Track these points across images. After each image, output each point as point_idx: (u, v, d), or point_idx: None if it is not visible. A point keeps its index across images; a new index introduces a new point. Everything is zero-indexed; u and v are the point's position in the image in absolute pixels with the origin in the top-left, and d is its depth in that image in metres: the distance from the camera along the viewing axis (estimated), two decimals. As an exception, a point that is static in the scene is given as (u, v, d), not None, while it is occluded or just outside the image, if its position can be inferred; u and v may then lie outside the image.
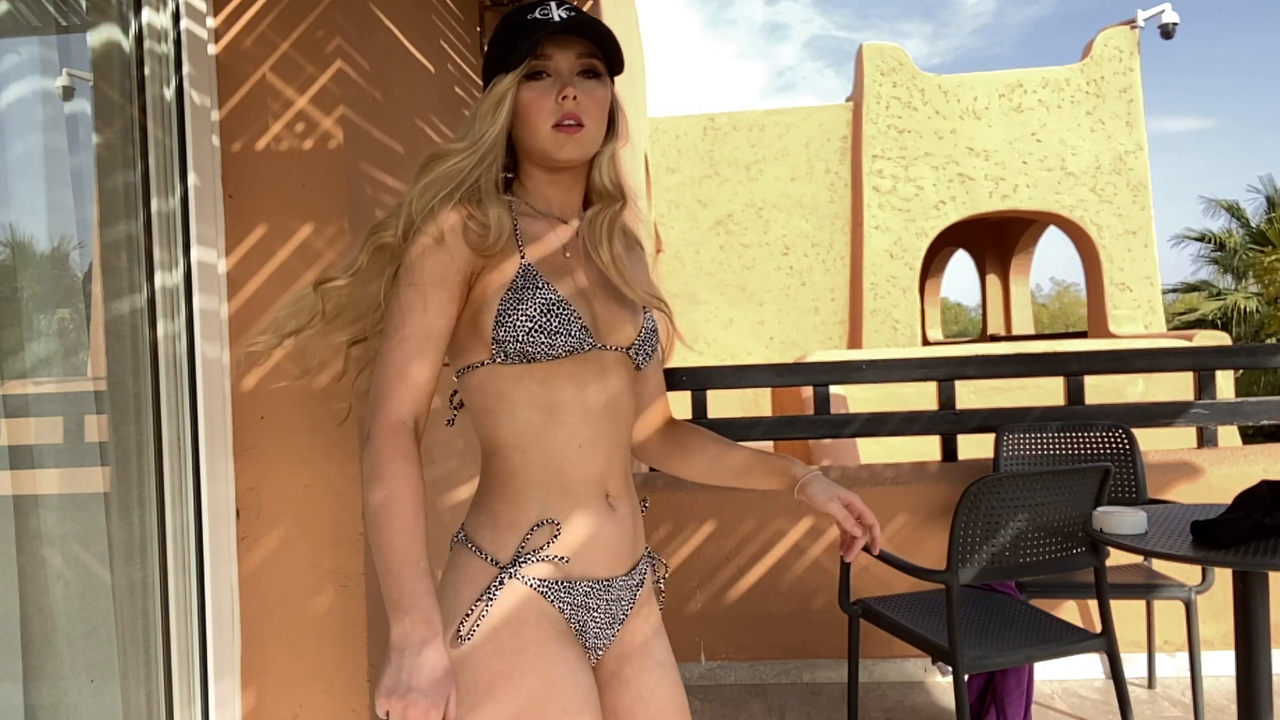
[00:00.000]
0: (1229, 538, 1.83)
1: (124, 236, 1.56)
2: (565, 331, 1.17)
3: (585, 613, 1.20)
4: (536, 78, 1.20)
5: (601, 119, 1.23)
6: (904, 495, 3.24)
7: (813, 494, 1.28)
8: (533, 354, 1.16)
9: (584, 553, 1.20)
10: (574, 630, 1.20)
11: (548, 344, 1.15)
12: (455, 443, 2.55)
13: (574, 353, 1.18)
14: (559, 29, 1.18)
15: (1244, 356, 4.13)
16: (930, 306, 14.83)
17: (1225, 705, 2.85)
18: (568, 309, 1.18)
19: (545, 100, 1.19)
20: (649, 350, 1.28)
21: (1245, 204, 19.40)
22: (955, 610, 2.15)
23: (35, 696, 1.36)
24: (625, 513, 1.24)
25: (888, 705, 3.01)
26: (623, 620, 1.25)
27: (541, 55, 1.20)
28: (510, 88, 1.20)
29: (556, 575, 1.18)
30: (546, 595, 1.17)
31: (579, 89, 1.20)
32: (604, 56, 1.23)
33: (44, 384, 1.45)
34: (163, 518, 1.62)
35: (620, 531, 1.23)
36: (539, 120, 1.20)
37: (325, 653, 1.80)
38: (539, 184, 1.27)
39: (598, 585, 1.20)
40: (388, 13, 2.13)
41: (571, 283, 1.22)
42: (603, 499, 1.21)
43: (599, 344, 1.21)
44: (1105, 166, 10.39)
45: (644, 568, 1.29)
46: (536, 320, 1.15)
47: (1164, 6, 10.32)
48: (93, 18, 1.55)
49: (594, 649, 1.23)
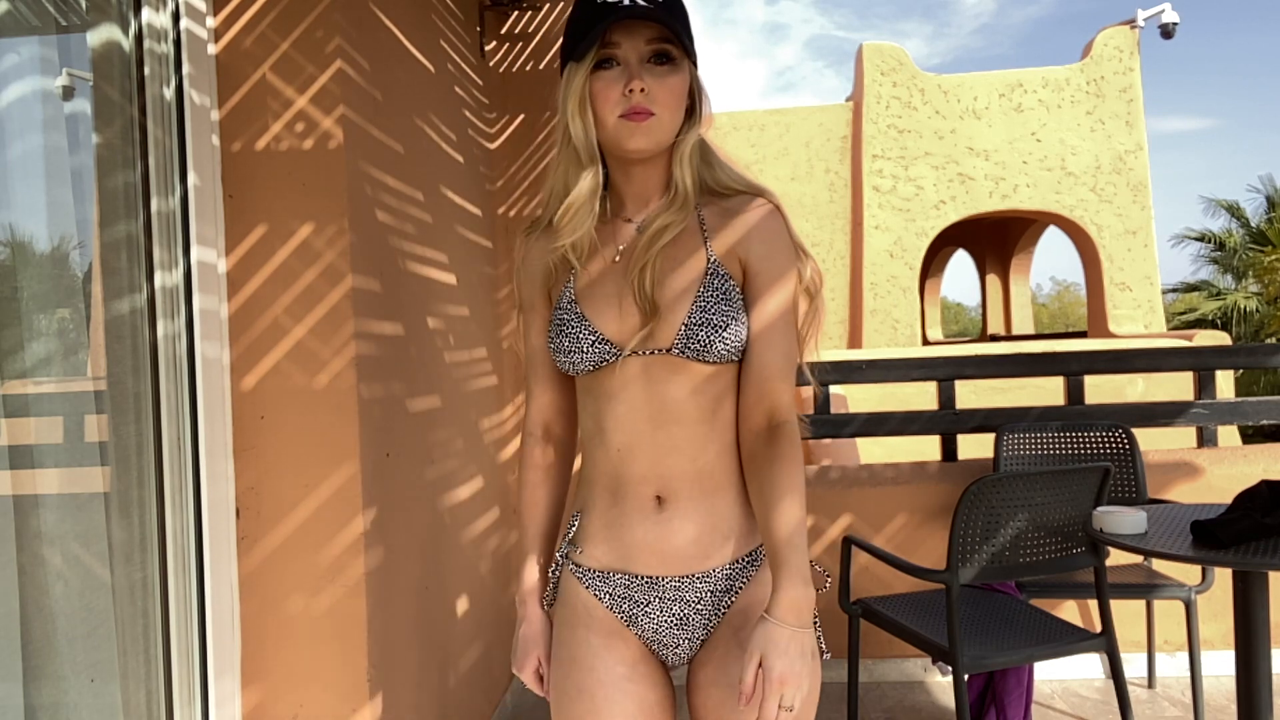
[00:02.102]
0: (1229, 538, 1.83)
1: (124, 236, 1.56)
2: (578, 349, 1.19)
3: (632, 605, 1.22)
4: (605, 66, 1.15)
5: (676, 106, 1.17)
6: (904, 495, 3.24)
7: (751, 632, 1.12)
8: (566, 371, 1.24)
9: (615, 549, 1.22)
10: (620, 619, 1.23)
11: (569, 363, 1.22)
12: (455, 443, 2.55)
13: (598, 366, 1.20)
14: (625, 15, 1.11)
15: (1244, 356, 4.13)
16: (930, 306, 14.83)
17: (1225, 705, 2.85)
18: (578, 325, 1.19)
19: (612, 90, 1.15)
20: (698, 345, 1.16)
21: (1245, 204, 19.45)
22: (955, 610, 2.15)
23: (35, 696, 1.36)
24: (683, 519, 1.19)
25: (888, 705, 3.01)
26: (705, 627, 1.22)
27: (609, 43, 1.14)
28: (585, 81, 1.15)
29: (593, 564, 1.25)
30: (583, 581, 1.26)
31: (649, 76, 1.14)
32: (678, 38, 1.15)
33: (44, 384, 1.45)
34: (163, 518, 1.62)
35: (666, 534, 1.19)
36: (605, 111, 1.15)
37: (325, 653, 1.80)
38: (614, 179, 1.24)
39: (638, 581, 1.21)
40: (388, 13, 2.13)
41: (609, 290, 1.20)
42: (649, 501, 1.20)
43: (626, 351, 1.17)
44: (1105, 166, 10.39)
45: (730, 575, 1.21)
46: (555, 342, 1.23)
47: (1164, 6, 10.32)
48: (93, 17, 1.55)
49: (656, 642, 1.24)
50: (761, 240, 1.19)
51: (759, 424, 1.18)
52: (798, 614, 1.07)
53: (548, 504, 1.37)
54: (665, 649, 1.24)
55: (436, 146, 2.51)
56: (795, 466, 1.14)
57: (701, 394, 1.18)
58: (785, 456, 1.14)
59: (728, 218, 1.20)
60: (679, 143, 1.20)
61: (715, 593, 1.21)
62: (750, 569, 1.22)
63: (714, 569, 1.20)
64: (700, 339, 1.15)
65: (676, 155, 1.20)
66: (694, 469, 1.19)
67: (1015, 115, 10.56)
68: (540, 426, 1.36)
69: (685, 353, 1.16)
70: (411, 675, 2.09)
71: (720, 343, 1.16)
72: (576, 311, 1.20)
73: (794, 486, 1.12)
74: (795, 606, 1.07)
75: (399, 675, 2.00)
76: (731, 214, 1.21)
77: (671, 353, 1.17)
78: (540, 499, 1.36)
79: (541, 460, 1.36)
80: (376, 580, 1.87)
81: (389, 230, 2.07)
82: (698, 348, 1.15)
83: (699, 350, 1.16)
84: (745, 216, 1.20)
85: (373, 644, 1.83)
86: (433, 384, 2.37)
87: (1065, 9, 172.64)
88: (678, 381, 1.18)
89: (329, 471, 1.80)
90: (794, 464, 1.14)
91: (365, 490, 1.82)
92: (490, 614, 2.90)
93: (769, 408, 1.18)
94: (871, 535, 3.23)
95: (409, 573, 2.11)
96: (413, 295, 2.22)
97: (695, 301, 1.16)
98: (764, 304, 1.19)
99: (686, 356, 1.16)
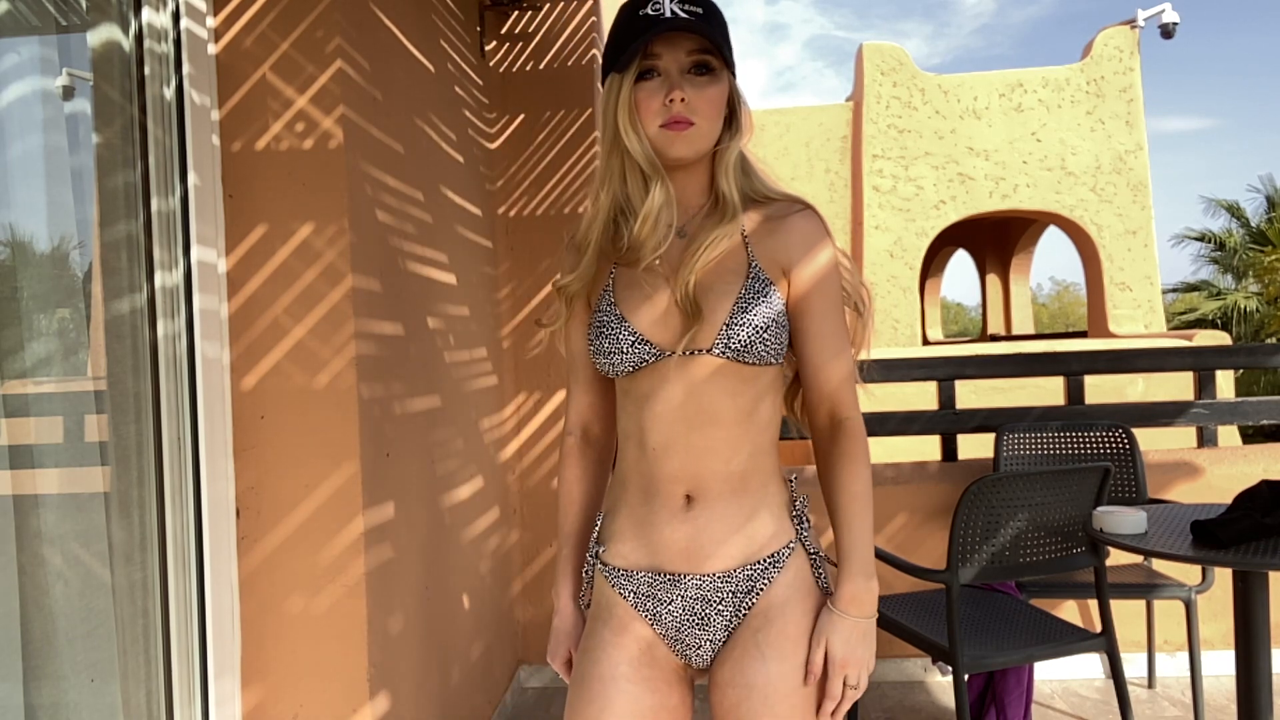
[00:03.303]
0: (1229, 537, 1.83)
1: (124, 236, 1.56)
2: (618, 350, 1.22)
3: (655, 603, 1.24)
4: (647, 77, 1.19)
5: (715, 115, 1.21)
6: (904, 495, 3.24)
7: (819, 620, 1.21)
8: (605, 373, 1.27)
9: (642, 546, 1.25)
10: (645, 618, 1.25)
11: (608, 364, 1.24)
12: (455, 442, 2.55)
13: (638, 367, 1.22)
14: (666, 28, 1.15)
15: (1244, 356, 4.13)
16: (930, 306, 14.83)
17: (1225, 705, 2.85)
18: (618, 327, 1.22)
19: (654, 100, 1.18)
20: (739, 345, 1.18)
21: (1245, 204, 19.47)
22: (955, 610, 2.15)
23: (35, 696, 1.36)
24: (710, 518, 1.21)
25: (888, 705, 3.01)
26: (726, 629, 1.23)
27: (650, 54, 1.18)
28: (631, 93, 1.19)
29: (618, 563, 1.27)
30: (609, 579, 1.28)
31: (689, 87, 1.18)
32: (718, 50, 1.19)
33: (44, 384, 1.45)
34: (163, 518, 1.62)
35: (692, 532, 1.21)
36: (646, 120, 1.19)
37: (325, 653, 1.80)
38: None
39: (661, 578, 1.23)
40: (388, 12, 2.13)
41: (649, 293, 1.23)
42: (679, 501, 1.22)
43: (665, 352, 1.20)
44: (1105, 166, 10.38)
45: (752, 576, 1.22)
46: (595, 343, 1.25)
47: (1164, 6, 10.31)
48: (93, 17, 1.55)
49: (678, 641, 1.25)
50: (804, 245, 1.24)
51: (823, 422, 1.26)
52: (859, 606, 1.19)
53: (584, 502, 1.40)
54: (688, 650, 1.25)
55: (436, 146, 2.51)
56: (860, 465, 1.22)
57: (739, 396, 1.21)
58: (848, 454, 1.22)
59: (769, 224, 1.25)
60: (721, 153, 1.24)
61: (736, 594, 1.22)
62: (772, 570, 1.23)
63: (735, 569, 1.22)
64: (740, 339, 1.18)
65: (721, 166, 1.24)
66: (726, 470, 1.21)
67: (1015, 115, 10.55)
68: (579, 427, 1.41)
69: (725, 353, 1.19)
70: (411, 675, 2.09)
71: (760, 343, 1.19)
72: (616, 314, 1.23)
73: (858, 485, 1.21)
74: (857, 599, 1.19)
75: (399, 675, 2.00)
76: (772, 221, 1.25)
77: (712, 353, 1.19)
78: (576, 496, 1.40)
79: (579, 459, 1.40)
80: (376, 580, 1.87)
81: (389, 230, 2.07)
82: (738, 347, 1.18)
83: (739, 351, 1.18)
84: (786, 223, 1.25)
85: (373, 644, 1.83)
86: (433, 384, 2.37)
87: (1065, 9, 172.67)
88: (716, 383, 1.20)
89: (329, 471, 1.80)
90: (857, 462, 1.22)
91: (365, 490, 1.82)
92: (490, 614, 2.90)
93: (830, 406, 1.25)
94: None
95: (409, 573, 2.11)
96: (413, 295, 2.22)
97: (736, 303, 1.19)
98: (813, 306, 1.23)
99: (726, 357, 1.19)
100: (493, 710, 2.85)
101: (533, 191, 3.29)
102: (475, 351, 2.83)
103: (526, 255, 3.27)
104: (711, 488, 1.21)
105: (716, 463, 1.21)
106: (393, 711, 1.93)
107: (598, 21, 3.38)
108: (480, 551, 2.80)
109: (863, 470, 1.21)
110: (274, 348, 1.80)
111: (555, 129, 3.30)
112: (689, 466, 1.21)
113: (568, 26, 3.32)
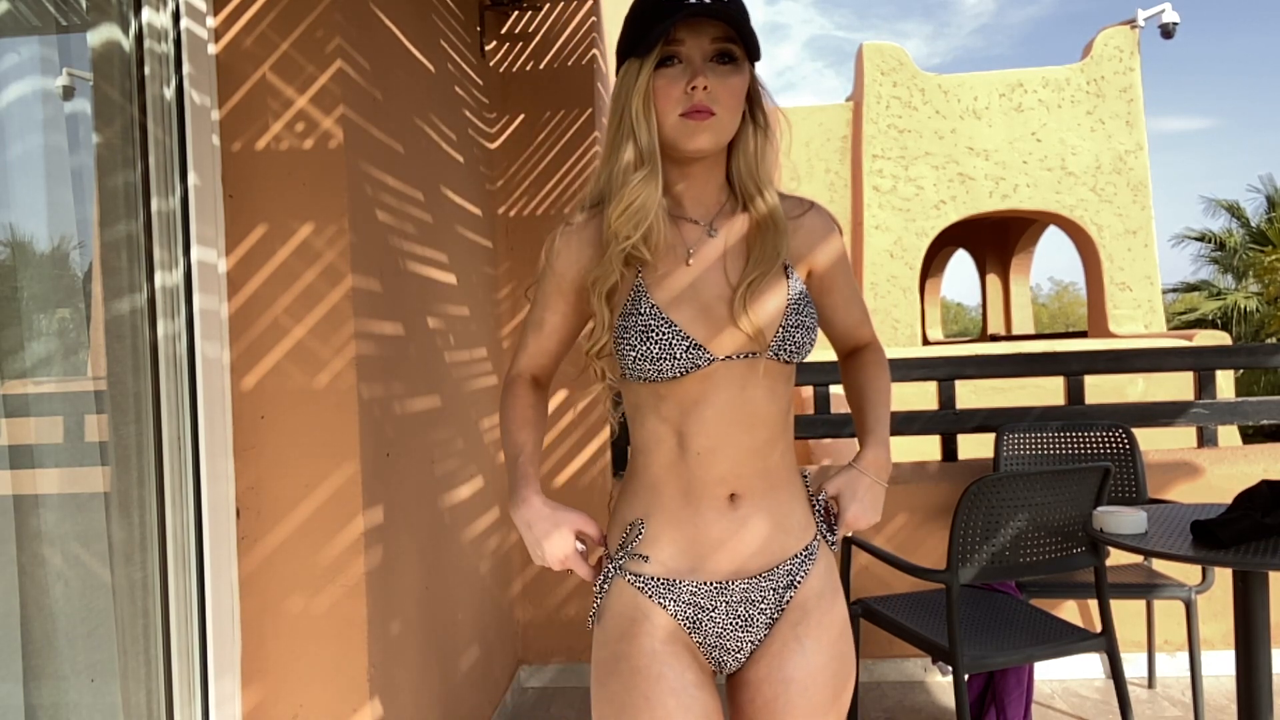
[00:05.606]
0: (1229, 537, 1.83)
1: (124, 236, 1.56)
2: (670, 356, 1.16)
3: (696, 610, 1.21)
4: (667, 64, 1.15)
5: (735, 106, 1.17)
6: (904, 495, 3.24)
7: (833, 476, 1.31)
8: (644, 378, 1.18)
9: (684, 550, 1.20)
10: (683, 627, 1.21)
11: (654, 370, 1.17)
12: (455, 442, 2.55)
13: (687, 373, 1.17)
14: (692, 13, 1.11)
15: (1244, 356, 4.13)
16: (930, 306, 14.83)
17: (1225, 705, 2.85)
18: (668, 331, 1.16)
19: (674, 88, 1.14)
20: (793, 346, 1.19)
21: (1245, 204, 19.45)
22: (955, 610, 2.15)
23: (35, 696, 1.36)
24: (754, 515, 1.21)
25: (888, 705, 3.01)
26: (767, 625, 1.23)
27: (673, 40, 1.14)
28: (649, 79, 1.15)
29: (656, 572, 1.21)
30: (644, 590, 1.21)
31: (711, 76, 1.14)
32: (741, 39, 1.15)
33: (44, 384, 1.45)
34: (163, 517, 1.62)
35: (740, 530, 1.20)
36: (666, 109, 1.15)
37: (325, 652, 1.80)
38: (670, 179, 1.22)
39: (706, 586, 1.20)
40: (388, 13, 2.13)
41: (688, 295, 1.19)
42: (724, 502, 1.20)
43: (716, 357, 1.17)
44: (1105, 166, 10.38)
45: (790, 570, 1.23)
46: (638, 348, 1.17)
47: (1164, 6, 10.31)
48: (93, 17, 1.55)
49: (718, 647, 1.22)
50: (823, 234, 1.31)
51: (850, 351, 1.43)
52: (878, 469, 1.30)
53: (537, 423, 1.33)
54: (726, 654, 1.23)
55: (436, 146, 2.51)
56: (885, 369, 1.39)
57: (780, 396, 1.23)
58: (876, 361, 1.40)
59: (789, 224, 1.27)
60: (738, 142, 1.22)
61: (778, 589, 1.22)
62: (808, 562, 1.24)
63: (778, 565, 1.22)
64: (795, 340, 1.19)
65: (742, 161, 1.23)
66: (764, 467, 1.22)
67: (1015, 115, 10.55)
68: (529, 373, 1.35)
69: (779, 355, 1.19)
70: (411, 675, 2.09)
71: (809, 344, 1.22)
72: (663, 318, 1.17)
73: (883, 381, 1.38)
74: (877, 463, 1.30)
75: (399, 675, 2.00)
76: (791, 220, 1.27)
77: (765, 356, 1.18)
78: (531, 417, 1.31)
79: (530, 389, 1.34)
80: (376, 580, 1.87)
81: (389, 230, 2.07)
82: (792, 348, 1.19)
83: (793, 352, 1.20)
84: (801, 221, 1.29)
85: (373, 644, 1.83)
86: (433, 384, 2.37)
87: (1065, 9, 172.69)
88: (763, 384, 1.20)
89: (329, 471, 1.80)
90: (883, 366, 1.39)
91: (365, 490, 1.82)
92: (490, 614, 2.90)
93: (857, 343, 1.42)
94: (871, 535, 3.23)
95: (409, 573, 2.11)
96: (413, 295, 2.22)
97: (789, 305, 1.20)
98: (838, 282, 1.34)
99: (780, 359, 1.19)
100: (493, 710, 2.85)
101: (533, 191, 3.29)
102: (475, 351, 2.83)
103: (526, 255, 3.27)
104: (755, 486, 1.21)
105: (758, 461, 1.21)
106: (393, 711, 1.93)
107: (598, 21, 3.38)
108: (480, 551, 2.80)
109: (884, 368, 1.39)
110: (274, 348, 1.80)
111: (555, 129, 3.30)
112: (736, 468, 1.19)
113: (568, 26, 3.32)
